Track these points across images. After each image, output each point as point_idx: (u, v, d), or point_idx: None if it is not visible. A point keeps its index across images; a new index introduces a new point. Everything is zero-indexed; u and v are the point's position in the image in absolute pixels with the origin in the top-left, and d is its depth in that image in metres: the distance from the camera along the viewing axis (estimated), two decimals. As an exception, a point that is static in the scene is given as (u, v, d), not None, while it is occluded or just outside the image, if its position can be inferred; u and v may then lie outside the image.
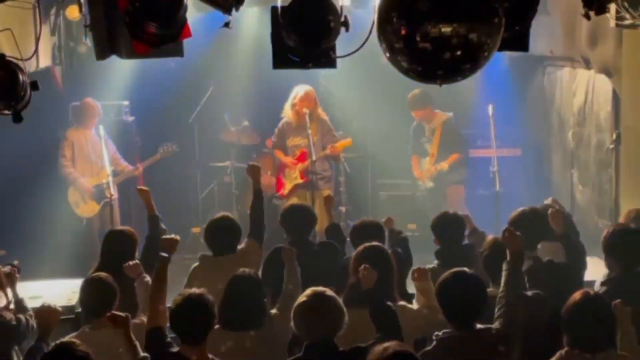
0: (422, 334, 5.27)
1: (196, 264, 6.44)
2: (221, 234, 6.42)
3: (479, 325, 4.76)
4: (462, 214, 6.64)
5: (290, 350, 5.07)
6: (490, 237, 5.76)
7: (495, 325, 4.81)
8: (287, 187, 9.53)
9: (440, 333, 4.73)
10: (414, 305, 5.62)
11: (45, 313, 5.13)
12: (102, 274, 5.52)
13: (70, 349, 4.13)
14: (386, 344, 4.04)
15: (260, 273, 6.44)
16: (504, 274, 5.04)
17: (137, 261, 5.94)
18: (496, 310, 4.90)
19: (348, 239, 6.60)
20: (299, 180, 9.41)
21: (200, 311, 4.68)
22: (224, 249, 6.37)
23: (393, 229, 6.79)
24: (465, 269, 4.89)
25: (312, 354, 4.49)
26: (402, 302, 5.49)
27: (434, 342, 4.72)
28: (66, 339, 4.58)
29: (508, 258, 5.08)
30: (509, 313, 4.85)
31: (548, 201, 6.90)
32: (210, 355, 4.66)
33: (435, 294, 4.95)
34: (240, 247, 6.50)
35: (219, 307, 4.98)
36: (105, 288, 5.40)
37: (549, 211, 6.12)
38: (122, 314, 4.76)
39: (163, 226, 6.61)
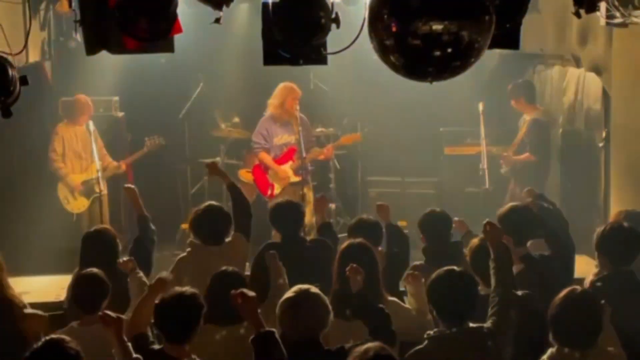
0: (410, 336, 5.22)
1: (183, 254, 6.41)
2: (209, 222, 6.38)
3: (470, 324, 4.75)
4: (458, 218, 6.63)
5: (256, 344, 4.86)
6: (475, 238, 5.73)
7: (487, 324, 4.80)
8: (278, 186, 9.45)
9: (431, 332, 4.72)
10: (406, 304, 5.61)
11: None
12: (95, 270, 5.49)
13: (61, 346, 4.08)
14: (367, 345, 4.02)
15: (249, 274, 6.44)
16: (492, 272, 5.03)
17: (131, 257, 5.90)
18: (489, 309, 4.89)
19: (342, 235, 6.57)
20: (294, 179, 9.35)
21: (187, 311, 4.66)
22: (212, 237, 6.34)
23: (390, 223, 6.71)
24: (455, 267, 4.88)
25: (298, 353, 4.47)
26: (392, 298, 5.49)
27: (426, 341, 4.70)
28: (55, 335, 4.54)
29: (492, 254, 5.07)
30: (501, 311, 4.83)
31: (525, 193, 6.91)
32: (193, 355, 4.64)
33: (426, 292, 4.93)
34: (227, 240, 6.48)
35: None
36: (97, 284, 5.38)
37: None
38: (114, 315, 4.63)
39: (152, 226, 6.58)
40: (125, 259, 5.86)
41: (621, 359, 4.62)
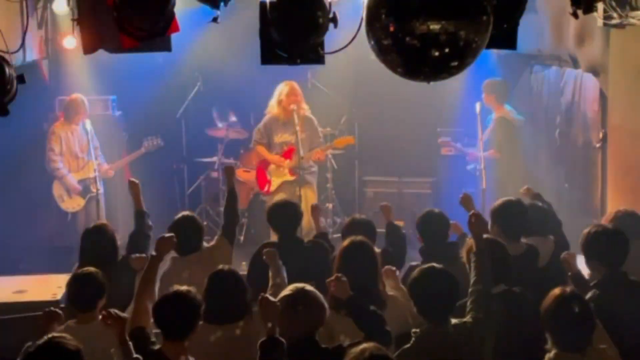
0: (407, 327, 5.23)
1: (165, 268, 6.37)
2: (184, 233, 6.29)
3: (454, 321, 4.78)
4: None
5: (264, 348, 4.63)
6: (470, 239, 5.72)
7: (468, 318, 4.83)
8: (274, 183, 9.49)
9: (417, 330, 4.75)
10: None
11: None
12: (92, 269, 5.49)
13: (62, 344, 4.08)
14: (363, 346, 4.05)
15: (246, 271, 6.44)
16: (472, 265, 5.03)
17: (144, 255, 5.90)
18: (468, 303, 4.91)
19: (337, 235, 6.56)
20: (289, 177, 9.38)
21: (185, 307, 4.67)
22: (187, 247, 6.28)
23: (392, 222, 6.75)
24: (434, 264, 4.91)
25: (295, 351, 4.48)
26: (392, 292, 5.50)
27: (412, 340, 4.73)
28: (54, 333, 4.53)
29: (474, 247, 5.08)
30: (480, 305, 4.85)
31: (523, 190, 6.92)
32: (189, 355, 4.64)
33: (408, 291, 4.97)
34: (210, 244, 6.49)
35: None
36: (94, 283, 5.38)
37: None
38: (116, 315, 4.62)
39: (149, 222, 6.56)
40: (137, 255, 5.85)
41: (615, 355, 4.62)
